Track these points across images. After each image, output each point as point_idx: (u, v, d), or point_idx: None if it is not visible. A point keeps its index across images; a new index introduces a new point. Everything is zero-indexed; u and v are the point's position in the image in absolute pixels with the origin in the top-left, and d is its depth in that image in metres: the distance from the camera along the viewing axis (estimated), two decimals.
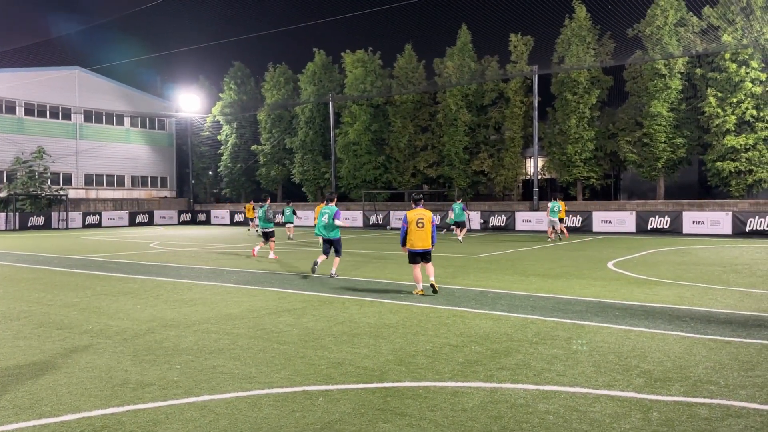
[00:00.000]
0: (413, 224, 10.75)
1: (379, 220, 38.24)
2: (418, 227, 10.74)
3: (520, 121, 37.58)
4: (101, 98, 49.65)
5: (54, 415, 4.87)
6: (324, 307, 9.70)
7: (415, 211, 10.86)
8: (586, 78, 34.82)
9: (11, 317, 9.05)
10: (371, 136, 42.29)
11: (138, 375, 6.00)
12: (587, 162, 35.52)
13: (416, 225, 10.75)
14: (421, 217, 10.77)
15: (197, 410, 4.99)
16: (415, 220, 10.76)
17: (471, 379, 5.76)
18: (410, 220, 10.76)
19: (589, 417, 4.78)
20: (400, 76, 41.56)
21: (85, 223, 42.35)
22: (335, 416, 4.82)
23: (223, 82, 50.56)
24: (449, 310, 9.28)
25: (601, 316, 8.80)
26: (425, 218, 10.78)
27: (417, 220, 10.75)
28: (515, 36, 37.11)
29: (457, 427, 4.58)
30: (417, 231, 10.74)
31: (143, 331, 8.00)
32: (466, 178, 39.54)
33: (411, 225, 10.76)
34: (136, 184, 52.52)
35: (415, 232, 10.76)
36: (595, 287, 11.65)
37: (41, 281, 13.24)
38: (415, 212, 10.84)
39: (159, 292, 11.50)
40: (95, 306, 9.99)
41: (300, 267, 15.67)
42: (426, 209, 11.02)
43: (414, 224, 10.75)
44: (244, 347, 7.09)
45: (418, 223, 10.74)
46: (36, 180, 41.77)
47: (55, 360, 6.58)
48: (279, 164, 48.26)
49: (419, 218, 10.76)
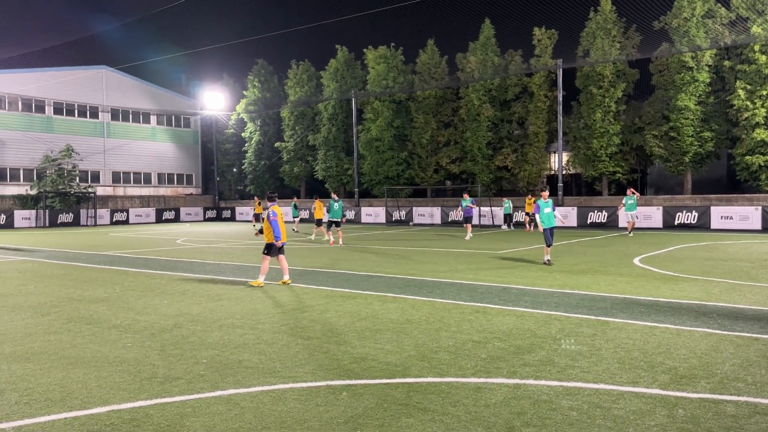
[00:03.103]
0: (281, 218, 11.72)
1: (401, 216, 38.24)
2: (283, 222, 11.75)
3: (544, 116, 37.24)
4: (128, 97, 50.44)
5: (84, 408, 5.00)
6: (347, 302, 9.76)
7: (278, 206, 11.88)
8: (612, 71, 34.36)
9: (42, 312, 9.27)
10: (393, 132, 42.29)
11: (165, 369, 6.11)
12: (613, 156, 35.09)
13: (282, 219, 11.75)
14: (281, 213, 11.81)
15: (223, 404, 5.07)
16: (281, 214, 11.77)
17: (494, 375, 5.76)
18: (280, 214, 11.71)
19: (613, 414, 4.75)
20: (422, 72, 41.46)
21: (112, 219, 43.08)
22: (358, 410, 4.87)
23: (247, 79, 50.99)
24: (472, 306, 9.27)
25: (626, 312, 8.72)
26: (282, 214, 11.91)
27: (282, 215, 11.85)
28: (539, 30, 36.76)
29: (479, 423, 4.59)
30: (283, 224, 11.72)
31: (170, 326, 8.14)
32: (489, 173, 39.33)
33: (280, 219, 11.68)
34: (162, 181, 53.27)
35: (282, 225, 11.70)
36: (621, 283, 11.53)
37: (71, 277, 13.52)
38: (279, 208, 11.86)
39: (185, 287, 11.67)
40: (123, 301, 10.19)
41: (322, 263, 15.77)
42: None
43: (281, 218, 11.70)
44: (269, 342, 7.18)
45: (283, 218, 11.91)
46: (65, 178, 42.58)
47: (85, 354, 6.73)
48: (302, 161, 48.55)
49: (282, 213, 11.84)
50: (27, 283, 12.60)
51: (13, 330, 7.99)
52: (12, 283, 12.51)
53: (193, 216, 48.33)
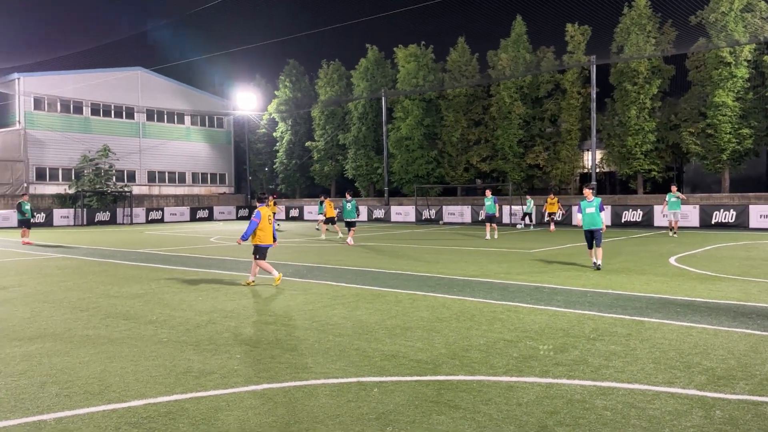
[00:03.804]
0: (266, 221, 11.58)
1: (431, 215, 38.15)
2: (270, 223, 11.65)
3: (577, 113, 36.76)
4: (162, 97, 51.38)
5: (122, 401, 5.11)
6: (377, 300, 9.79)
7: (265, 209, 11.72)
8: (647, 67, 33.73)
9: (81, 308, 9.51)
10: (423, 130, 42.22)
11: (200, 364, 6.22)
12: (648, 154, 34.45)
13: (268, 221, 11.61)
14: (270, 215, 11.74)
15: (257, 398, 5.14)
16: (266, 217, 11.56)
17: (526, 374, 5.72)
18: (264, 216, 11.56)
19: (648, 414, 4.68)
20: (452, 70, 41.29)
21: (148, 218, 43.92)
22: (390, 407, 4.88)
23: (279, 80, 51.48)
24: (503, 305, 9.21)
25: (662, 312, 8.56)
26: (271, 216, 11.82)
27: (268, 217, 11.61)
28: (572, 26, 36.29)
29: (511, 421, 4.56)
30: (269, 227, 11.63)
31: (204, 322, 8.27)
32: (521, 172, 38.98)
33: (264, 221, 11.56)
34: (196, 180, 54.14)
35: (268, 228, 11.61)
36: (656, 283, 11.33)
37: (108, 274, 13.83)
38: (266, 209, 11.69)
39: (219, 284, 11.84)
40: (159, 297, 10.38)
41: (352, 262, 15.83)
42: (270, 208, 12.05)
43: (266, 221, 11.57)
44: (301, 338, 7.25)
45: (269, 220, 11.66)
46: (102, 177, 43.55)
47: (122, 349, 6.89)
48: (332, 160, 48.82)
49: (269, 215, 11.67)
50: (66, 279, 12.94)
51: (53, 325, 8.22)
52: (52, 280, 12.86)
53: (226, 215, 48.98)
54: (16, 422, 4.65)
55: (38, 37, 71.24)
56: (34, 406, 4.99)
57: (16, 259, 17.62)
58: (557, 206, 29.12)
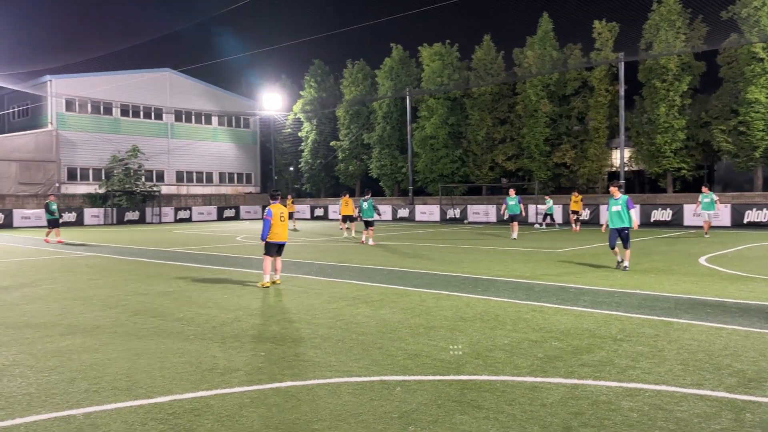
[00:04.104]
0: (277, 218, 11.49)
1: (456, 214, 38.00)
2: (281, 221, 11.57)
3: (605, 111, 36.27)
4: (190, 98, 52.08)
5: (148, 397, 5.19)
6: (401, 299, 9.78)
7: (277, 206, 11.62)
8: (677, 64, 33.13)
9: (110, 305, 9.69)
10: (448, 129, 42.07)
11: (225, 361, 6.29)
12: (678, 152, 33.84)
13: (279, 219, 11.53)
14: (282, 212, 11.65)
15: (280, 395, 5.18)
16: (278, 214, 11.51)
17: (551, 375, 5.66)
18: (275, 214, 11.47)
19: (676, 416, 4.60)
20: (478, 68, 41.06)
21: (176, 217, 44.55)
22: (412, 406, 4.88)
23: (304, 80, 51.77)
24: (528, 305, 9.13)
25: (691, 313, 8.40)
26: (285, 213, 11.72)
27: (280, 215, 11.56)
28: (599, 23, 35.82)
29: (536, 422, 4.52)
30: (280, 224, 11.56)
31: (230, 320, 8.36)
32: (547, 170, 38.60)
33: (275, 218, 11.46)
34: (223, 180, 54.75)
35: (279, 225, 11.54)
36: (686, 283, 11.12)
37: (137, 272, 14.06)
38: (277, 207, 11.62)
39: (245, 282, 11.96)
40: (186, 295, 10.53)
41: (376, 261, 15.85)
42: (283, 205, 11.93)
43: (278, 218, 11.51)
44: (324, 337, 7.28)
45: (281, 218, 11.58)
46: (131, 177, 44.28)
47: (150, 345, 7.00)
48: (357, 159, 48.94)
49: (281, 212, 11.60)
50: (96, 277, 13.19)
51: (83, 322, 8.39)
52: (82, 278, 13.11)
53: (252, 214, 49.42)
54: (47, 416, 4.75)
55: (69, 39, 72.73)
56: (63, 401, 5.10)
57: (47, 257, 18.01)
58: (581, 205, 28.22)
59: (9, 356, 6.58)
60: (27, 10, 64.64)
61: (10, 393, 5.32)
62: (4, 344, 7.12)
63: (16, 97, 48.74)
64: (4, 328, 8.04)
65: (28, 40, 67.52)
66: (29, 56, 54.55)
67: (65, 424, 4.60)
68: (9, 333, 7.72)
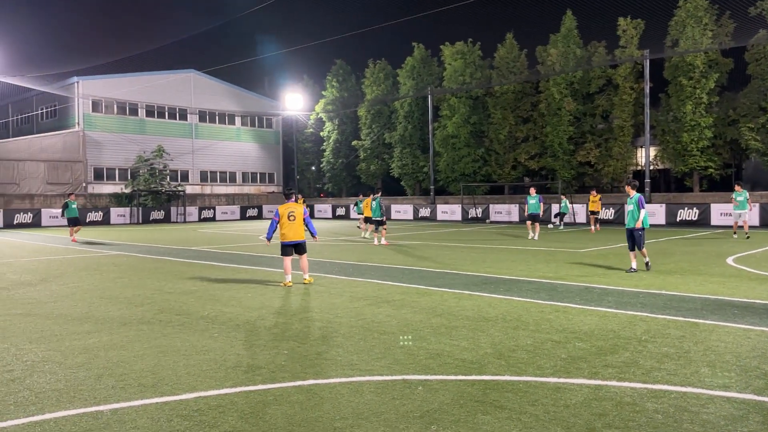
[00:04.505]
0: (285, 218, 11.33)
1: (478, 213, 37.84)
2: (290, 220, 11.36)
3: (630, 109, 35.83)
4: (214, 99, 52.62)
5: (174, 394, 5.27)
6: (422, 299, 9.78)
7: (286, 206, 11.48)
8: (703, 61, 32.58)
9: (136, 303, 9.84)
10: (470, 128, 41.89)
11: (249, 359, 6.35)
12: (704, 151, 33.29)
13: (287, 218, 11.33)
14: (292, 211, 11.39)
15: (303, 393, 5.22)
16: (286, 214, 11.33)
17: (574, 376, 5.62)
18: (282, 214, 11.36)
19: (702, 418, 4.53)
20: (500, 67, 40.82)
21: (200, 216, 45.04)
22: (434, 405, 4.88)
23: (326, 80, 51.97)
24: (551, 306, 9.07)
25: (718, 314, 8.27)
26: (296, 212, 11.41)
27: (288, 214, 11.35)
28: (624, 20, 35.36)
29: (559, 423, 4.49)
30: (289, 224, 11.35)
31: (254, 318, 8.44)
32: (571, 169, 38.24)
33: (283, 218, 11.35)
34: (246, 180, 55.21)
35: (287, 225, 11.35)
36: (712, 284, 10.95)
37: (162, 270, 14.25)
38: (286, 206, 11.45)
39: (267, 281, 12.06)
40: (210, 294, 10.64)
41: (397, 260, 15.86)
42: (297, 203, 11.63)
43: (285, 218, 11.33)
44: (346, 335, 7.31)
45: (290, 217, 11.37)
46: (156, 177, 44.88)
47: (175, 343, 7.09)
48: (378, 159, 48.98)
49: (290, 212, 11.38)
50: (122, 276, 13.40)
51: (109, 319, 8.53)
52: (109, 276, 13.33)
53: (275, 213, 49.73)
54: (75, 412, 4.85)
55: (97, 41, 73.91)
56: (91, 397, 5.19)
57: (74, 256, 18.34)
58: (600, 204, 27.20)
59: (38, 353, 6.72)
60: (56, 13, 65.85)
61: (40, 389, 5.44)
62: (33, 341, 7.28)
63: (44, 99, 49.69)
64: (34, 325, 8.21)
65: (56, 43, 68.82)
66: (57, 58, 55.54)
67: (93, 419, 4.69)
68: (38, 330, 7.88)
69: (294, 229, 11.37)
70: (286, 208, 11.43)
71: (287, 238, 11.36)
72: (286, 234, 11.36)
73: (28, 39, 64.66)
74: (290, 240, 11.38)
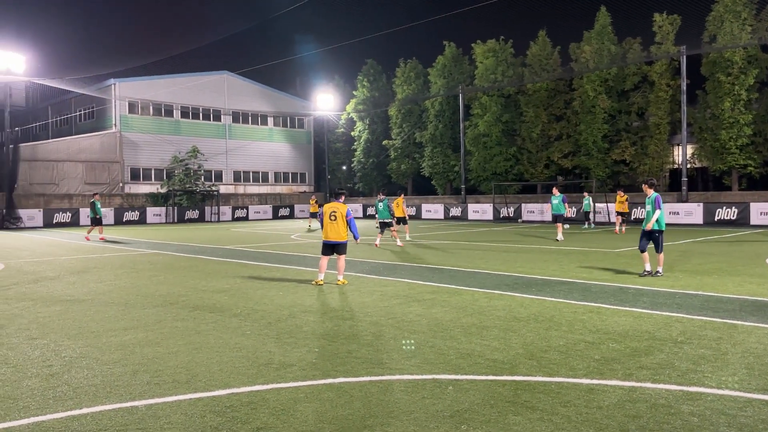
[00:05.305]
0: (327, 216, 11.20)
1: (510, 213, 37.51)
2: (331, 220, 11.17)
3: (666, 106, 35.10)
4: (247, 100, 53.26)
5: (207, 390, 5.35)
6: (453, 298, 9.74)
7: (330, 204, 11.35)
8: (742, 57, 31.72)
9: (171, 301, 10.02)
10: (502, 127, 41.54)
11: (280, 356, 6.41)
12: (744, 149, 32.41)
13: (329, 218, 11.16)
14: (335, 211, 11.19)
15: (333, 391, 5.25)
16: (328, 213, 11.20)
17: (608, 377, 5.53)
18: (325, 212, 11.23)
19: (739, 421, 4.42)
20: (533, 64, 40.38)
21: (234, 216, 45.63)
22: (465, 405, 4.86)
23: (357, 79, 52.12)
24: (584, 306, 8.94)
25: (757, 315, 8.05)
26: (338, 212, 11.17)
27: (330, 213, 11.18)
28: (660, 15, 34.66)
29: (591, 425, 4.43)
30: (330, 223, 11.18)
31: (285, 316, 8.52)
32: (605, 168, 37.64)
33: (325, 217, 11.22)
34: (278, 179, 55.74)
35: (329, 225, 11.19)
36: (751, 285, 10.66)
37: (196, 269, 14.49)
38: (331, 205, 11.33)
39: (299, 280, 12.15)
40: (243, 292, 10.78)
41: (428, 260, 15.82)
42: (341, 203, 11.37)
43: (327, 216, 11.17)
44: (377, 334, 7.33)
45: (331, 216, 11.19)
46: (191, 177, 45.65)
47: (208, 340, 7.20)
48: (409, 158, 48.93)
49: (332, 211, 11.19)
50: (158, 274, 13.66)
51: (145, 317, 8.71)
52: (145, 275, 13.61)
53: (306, 213, 50.07)
54: (111, 407, 4.96)
55: (134, 43, 75.45)
56: (127, 393, 5.31)
57: (112, 254, 18.76)
58: (627, 205, 25.93)
59: (76, 349, 6.89)
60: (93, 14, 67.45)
61: (78, 384, 5.58)
62: (71, 337, 7.47)
63: (82, 100, 50.92)
64: (72, 321, 8.43)
65: (94, 45, 70.46)
66: (95, 60, 56.88)
67: (128, 414, 4.80)
68: (76, 327, 8.09)
69: (335, 229, 11.21)
70: (329, 207, 11.38)
71: (328, 238, 11.29)
72: (325, 233, 11.33)
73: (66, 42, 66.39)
74: (330, 240, 11.27)
